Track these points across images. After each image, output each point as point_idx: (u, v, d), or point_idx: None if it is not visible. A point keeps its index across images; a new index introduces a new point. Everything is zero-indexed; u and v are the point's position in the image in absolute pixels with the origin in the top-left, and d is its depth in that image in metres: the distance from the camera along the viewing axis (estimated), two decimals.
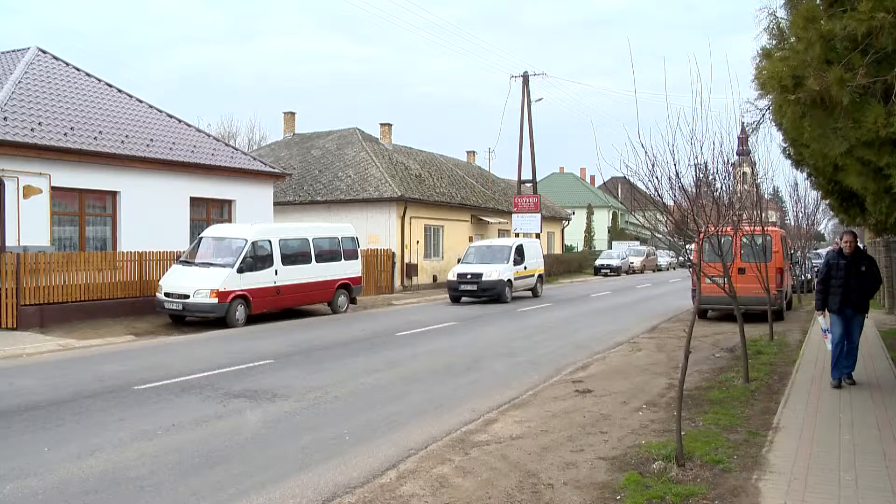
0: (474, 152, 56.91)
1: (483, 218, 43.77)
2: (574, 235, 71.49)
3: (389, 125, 44.21)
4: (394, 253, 34.04)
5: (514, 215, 43.96)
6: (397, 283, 34.59)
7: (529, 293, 31.77)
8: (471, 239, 42.35)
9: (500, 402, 10.89)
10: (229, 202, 26.75)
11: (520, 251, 30.58)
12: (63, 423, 9.66)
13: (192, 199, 25.09)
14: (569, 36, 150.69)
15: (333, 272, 24.23)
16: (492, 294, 28.43)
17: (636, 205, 11.12)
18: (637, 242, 64.73)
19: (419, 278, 36.72)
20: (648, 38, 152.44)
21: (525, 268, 30.65)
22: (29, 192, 20.08)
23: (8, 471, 7.66)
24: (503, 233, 46.74)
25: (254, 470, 7.75)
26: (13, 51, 26.40)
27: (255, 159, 29.25)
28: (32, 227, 20.09)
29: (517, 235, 44.70)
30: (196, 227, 24.47)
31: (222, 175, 26.15)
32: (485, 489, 6.98)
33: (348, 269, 25.03)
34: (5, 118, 20.16)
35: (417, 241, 37.14)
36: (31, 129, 20.51)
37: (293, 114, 46.68)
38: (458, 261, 30.97)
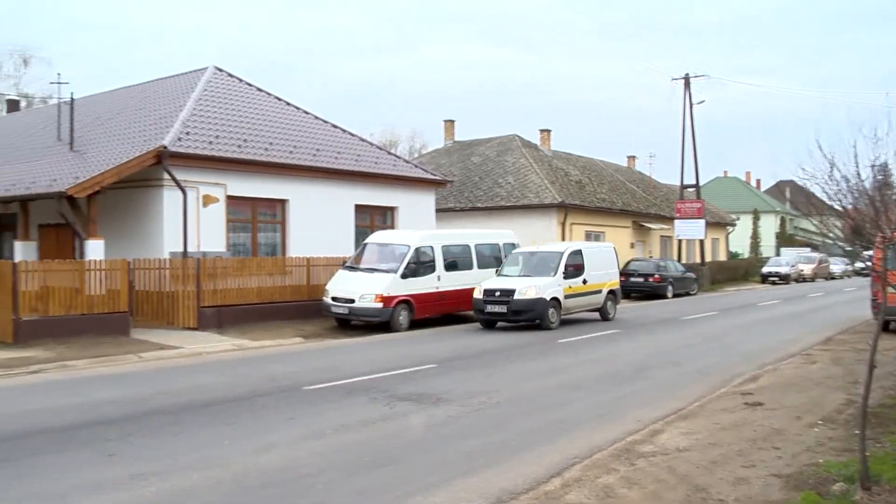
0: (634, 157, 55.96)
1: (645, 224, 42.95)
2: (739, 241, 68.79)
3: (548, 131, 44.11)
4: None
5: (676, 221, 42.89)
6: None
7: (596, 315, 24.13)
8: (632, 245, 41.60)
9: (666, 413, 10.60)
10: (392, 209, 27.39)
11: (576, 260, 22.96)
12: (240, 420, 10.18)
13: (357, 207, 25.86)
14: (728, 35, 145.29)
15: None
16: (529, 317, 21.22)
17: (811, 209, 10.56)
18: (808, 249, 61.48)
19: None
20: (816, 33, 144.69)
21: (584, 282, 22.90)
22: (208, 200, 21.31)
23: (195, 461, 8.17)
24: (665, 239, 45.63)
25: (419, 472, 7.89)
26: (194, 71, 28.06)
27: (416, 167, 29.89)
28: (210, 233, 21.32)
29: (679, 242, 43.54)
30: (360, 234, 25.20)
31: (385, 183, 26.83)
32: (651, 501, 6.82)
33: None
34: (188, 133, 21.49)
35: None
36: (210, 143, 21.77)
37: (453, 122, 47.35)
38: (496, 272, 23.44)
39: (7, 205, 22.65)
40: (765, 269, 51.45)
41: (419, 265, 21.56)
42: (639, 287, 35.00)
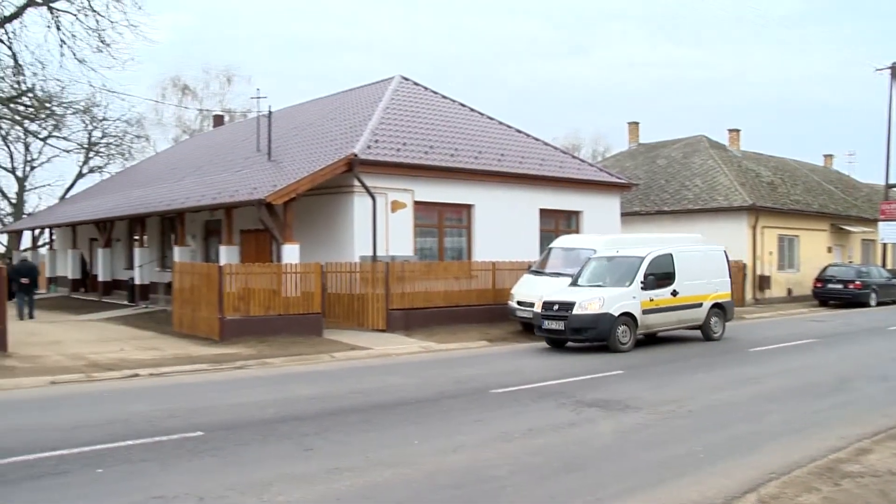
0: (831, 156, 52.76)
1: (844, 227, 40.40)
2: None
3: (737, 131, 42.43)
4: (744, 264, 32.60)
5: (880, 224, 40.05)
6: (748, 295, 33.05)
7: (697, 333, 20.13)
8: (829, 250, 39.27)
9: (875, 431, 9.78)
10: (577, 213, 27.15)
11: (663, 266, 18.92)
12: (429, 420, 10.38)
13: (542, 211, 25.83)
14: None
15: None
16: (590, 336, 17.56)
17: None
18: None
19: (772, 291, 34.74)
20: None
21: (674, 293, 18.88)
22: (396, 206, 21.92)
23: (387, 458, 8.39)
24: (868, 243, 42.77)
25: (608, 479, 7.75)
26: (381, 80, 29.01)
27: (601, 170, 29.52)
28: (398, 238, 21.90)
29: (884, 246, 40.71)
30: (545, 238, 25.12)
31: (569, 187, 26.63)
32: None
33: None
34: (376, 141, 22.19)
35: (770, 252, 35.20)
36: (397, 150, 22.38)
37: (637, 123, 46.46)
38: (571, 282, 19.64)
39: (214, 211, 24.22)
40: None
41: None
42: (837, 294, 33.04)
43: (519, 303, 20.90)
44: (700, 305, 19.68)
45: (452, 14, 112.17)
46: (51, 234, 41.13)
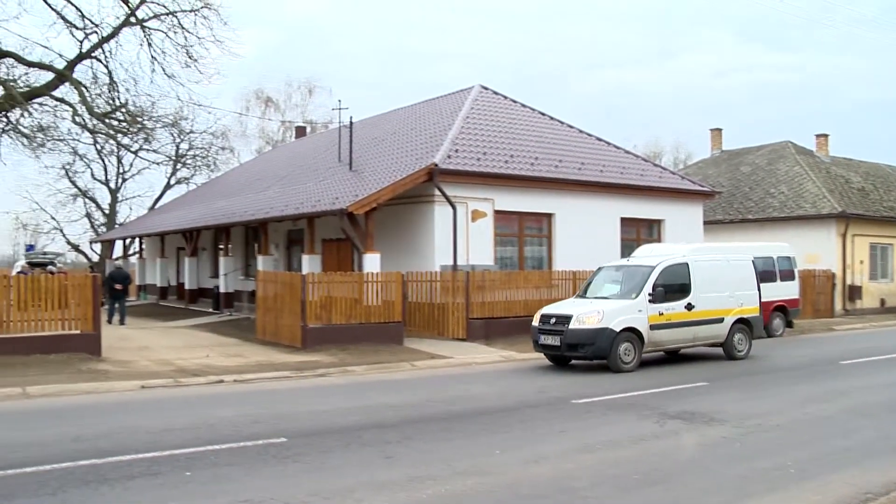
0: None
1: None
2: None
3: (825, 136, 41.12)
4: (833, 274, 31.63)
5: None
6: (838, 306, 32.06)
7: (718, 351, 18.03)
8: None
9: None
10: (658, 222, 26.77)
11: (677, 277, 17.03)
12: (511, 430, 10.32)
13: (623, 220, 25.57)
14: None
15: (768, 293, 22.93)
16: (587, 353, 15.91)
17: None
18: None
19: (863, 302, 33.58)
20: None
21: (689, 307, 16.91)
22: (476, 215, 21.95)
23: (469, 467, 8.39)
24: None
25: (692, 494, 7.60)
26: (460, 90, 29.14)
27: (682, 178, 29.03)
28: (478, 247, 21.92)
29: None
30: (626, 247, 24.75)
31: (651, 195, 26.28)
32: None
33: (784, 291, 23.70)
34: (457, 150, 22.27)
35: (861, 261, 34.05)
36: (478, 159, 22.41)
37: (719, 130, 45.54)
38: (577, 294, 19.02)
39: (296, 221, 24.66)
40: None
41: None
42: None
43: None
44: (721, 321, 17.66)
45: (536, 20, 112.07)
46: (140, 243, 42.53)
